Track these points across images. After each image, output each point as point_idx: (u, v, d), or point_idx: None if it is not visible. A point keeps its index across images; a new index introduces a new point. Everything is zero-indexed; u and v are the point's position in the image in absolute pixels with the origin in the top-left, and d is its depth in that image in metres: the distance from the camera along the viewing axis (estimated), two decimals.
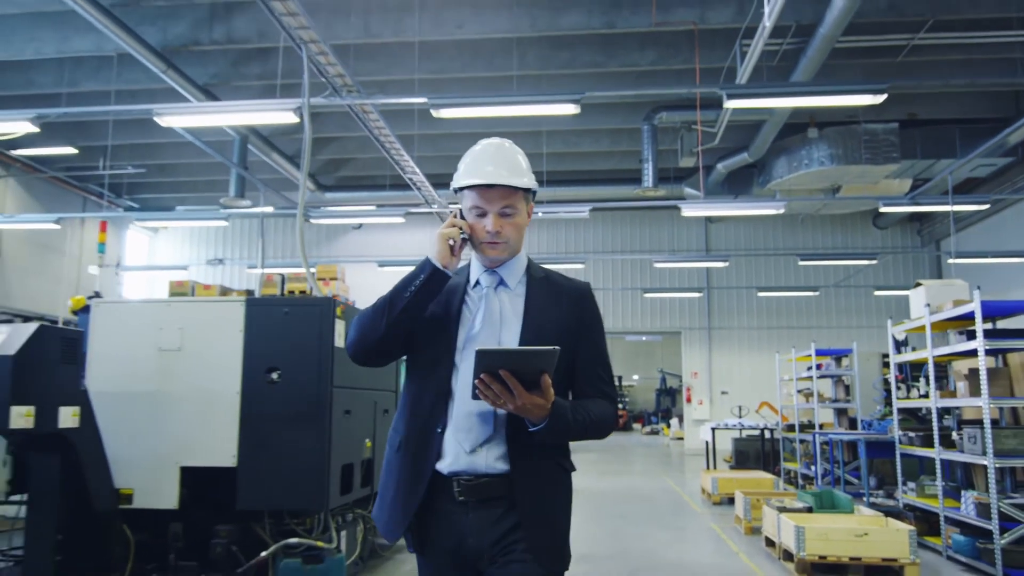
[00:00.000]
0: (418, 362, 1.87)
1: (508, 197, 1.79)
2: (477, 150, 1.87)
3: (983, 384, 5.06)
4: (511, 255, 1.86)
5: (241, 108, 7.72)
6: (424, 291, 1.76)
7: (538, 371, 1.59)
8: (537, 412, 1.63)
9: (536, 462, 1.75)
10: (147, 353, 4.06)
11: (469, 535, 1.72)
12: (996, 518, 4.95)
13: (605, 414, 1.82)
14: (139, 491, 3.95)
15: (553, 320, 1.82)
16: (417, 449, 1.78)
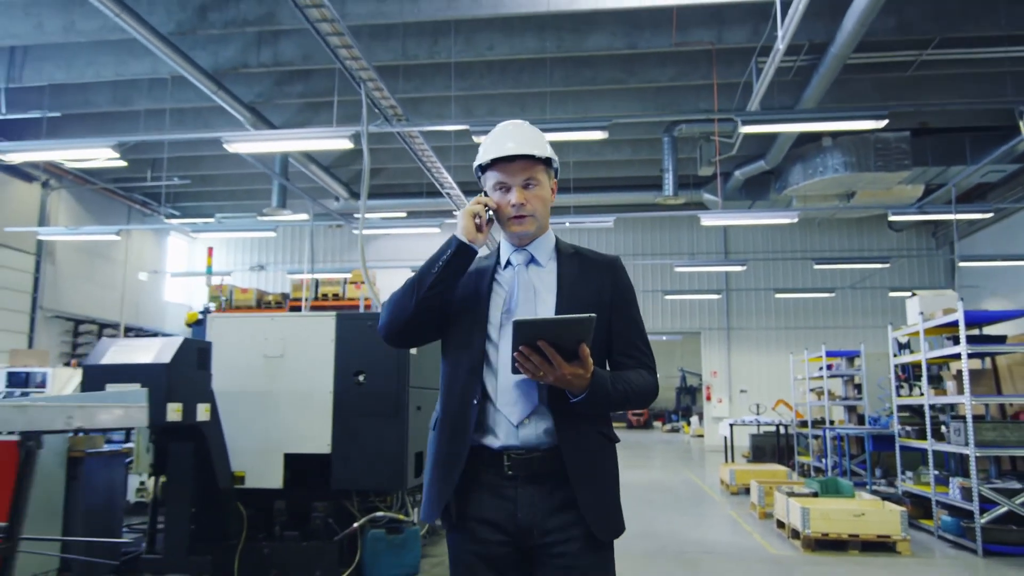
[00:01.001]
0: (451, 342, 1.91)
1: (529, 169, 1.86)
2: (496, 131, 1.95)
3: (966, 384, 5.87)
4: (538, 230, 1.90)
5: (302, 136, 8.63)
6: (451, 267, 1.81)
7: (576, 341, 1.63)
8: (577, 382, 1.68)
9: (582, 433, 1.78)
10: (255, 359, 4.97)
11: (519, 510, 1.75)
12: (977, 501, 5.76)
13: (646, 383, 1.86)
14: (250, 473, 4.87)
15: (587, 292, 1.86)
16: (454, 426, 1.82)
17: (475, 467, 1.79)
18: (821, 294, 17.31)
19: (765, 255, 18.76)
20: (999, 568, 5.46)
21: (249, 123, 11.72)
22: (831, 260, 15.66)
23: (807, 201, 14.54)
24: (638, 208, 16.91)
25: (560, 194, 15.12)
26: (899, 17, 9.90)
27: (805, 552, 5.87)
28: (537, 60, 11.08)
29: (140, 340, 4.44)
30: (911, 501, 7.04)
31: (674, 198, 12.82)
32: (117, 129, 13.30)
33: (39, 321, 14.26)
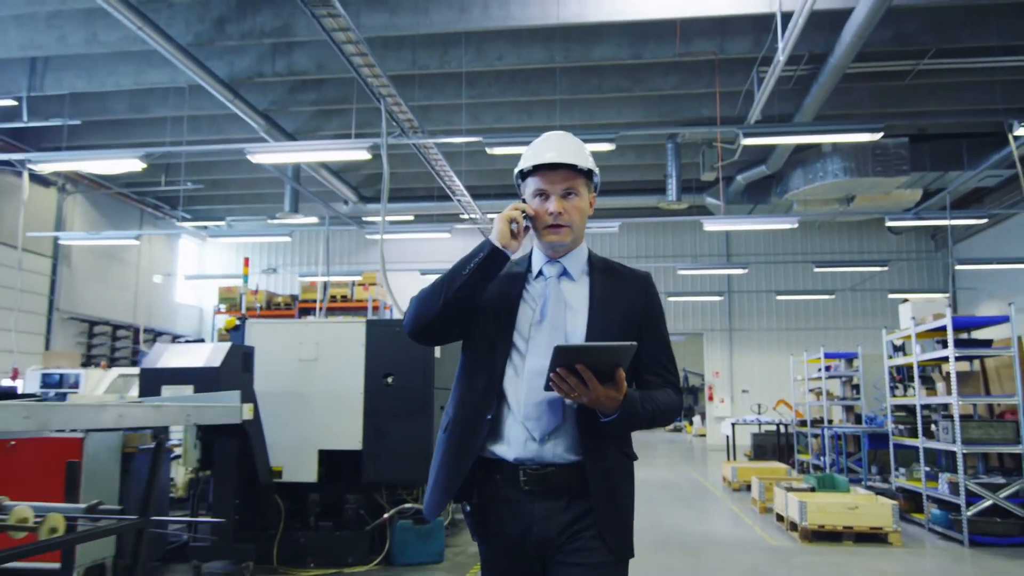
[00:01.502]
0: (473, 346, 1.92)
1: (570, 180, 1.87)
2: (539, 139, 1.96)
3: (953, 385, 6.29)
4: (573, 241, 1.91)
5: (323, 147, 9.06)
6: (481, 270, 1.81)
7: (613, 365, 1.66)
8: (610, 404, 1.70)
9: (604, 451, 1.80)
10: (291, 362, 5.39)
11: (535, 524, 1.77)
12: (963, 495, 6.19)
13: (671, 403, 1.88)
14: (287, 468, 5.29)
15: (618, 309, 1.87)
16: (465, 431, 1.84)
17: (491, 478, 1.80)
18: (821, 296, 17.74)
19: (766, 257, 19.20)
20: (983, 558, 5.89)
21: (263, 130, 12.15)
22: (831, 263, 16.08)
23: (808, 205, 14.95)
24: (642, 211, 17.33)
25: None
26: (897, 29, 10.29)
27: (802, 543, 6.30)
28: (545, 69, 11.49)
29: (190, 345, 4.87)
30: (904, 496, 7.47)
31: (677, 203, 13.24)
32: (134, 135, 13.74)
33: (55, 322, 14.70)
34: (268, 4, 10.03)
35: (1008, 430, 6.26)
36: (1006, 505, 6.15)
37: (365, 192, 16.74)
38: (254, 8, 10.17)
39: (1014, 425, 6.25)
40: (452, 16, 9.84)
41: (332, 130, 13.54)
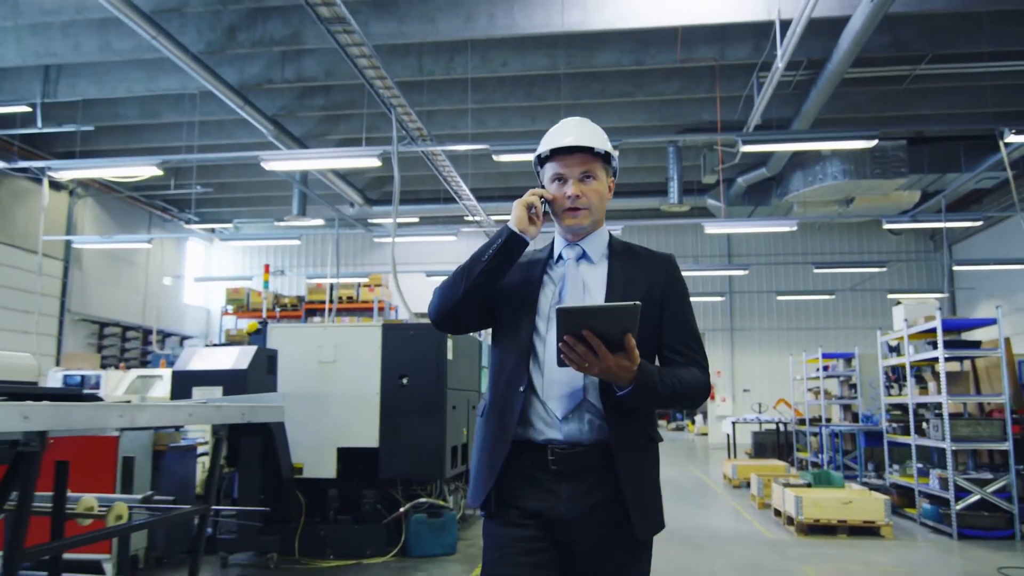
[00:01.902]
0: (501, 332, 1.95)
1: (588, 163, 1.88)
2: (557, 125, 1.98)
3: (943, 384, 6.60)
4: (592, 224, 1.93)
5: (334, 155, 9.40)
6: (501, 256, 1.84)
7: (621, 331, 1.63)
8: (624, 375, 1.68)
9: (628, 430, 1.81)
10: (310, 364, 5.70)
11: (561, 504, 1.78)
12: (952, 490, 6.50)
13: (696, 380, 1.86)
14: (308, 465, 5.61)
15: (637, 290, 1.86)
16: (502, 412, 1.86)
17: (519, 459, 1.82)
18: (821, 296, 18.05)
19: (767, 258, 19.51)
20: (970, 549, 6.19)
21: (272, 135, 12.47)
22: (830, 264, 16.39)
23: (807, 207, 15.24)
24: (644, 213, 17.63)
25: None
26: (893, 35, 10.58)
27: (798, 536, 6.61)
28: (549, 75, 11.80)
29: (219, 349, 5.19)
30: (897, 491, 7.78)
31: (679, 205, 13.54)
32: (145, 140, 14.07)
33: (66, 324, 15.03)
34: (278, 13, 10.34)
35: (995, 428, 6.57)
36: (993, 499, 6.46)
37: (371, 195, 17.05)
38: (264, 17, 10.48)
39: (1001, 423, 6.55)
40: (458, 24, 10.14)
41: (340, 134, 13.86)
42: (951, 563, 5.81)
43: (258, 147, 14.15)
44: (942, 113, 13.15)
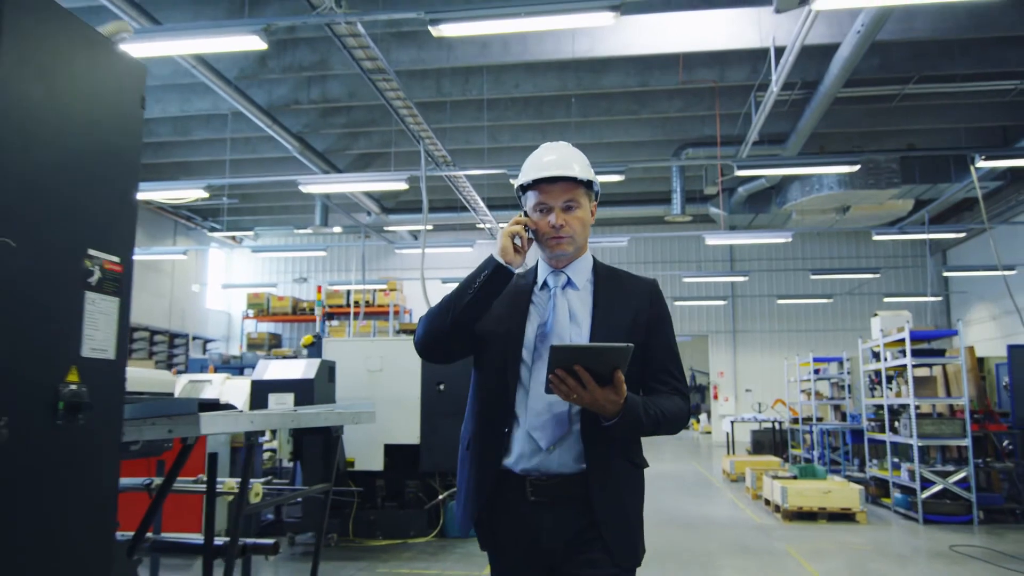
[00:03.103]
0: (485, 360, 1.98)
1: (570, 191, 1.91)
2: (538, 151, 2.00)
3: (910, 387, 7.65)
4: (576, 251, 1.97)
5: (366, 179, 10.52)
6: (487, 288, 1.87)
7: (611, 367, 1.68)
8: (610, 407, 1.72)
9: (610, 459, 1.84)
10: (361, 373, 6.77)
11: (543, 534, 1.82)
12: (919, 481, 7.57)
13: (677, 409, 1.90)
14: (359, 459, 6.68)
15: (622, 317, 1.91)
16: (484, 445, 1.90)
17: (499, 489, 1.86)
18: (820, 300, 19.11)
19: (768, 264, 20.57)
20: (931, 532, 7.25)
21: (296, 151, 13.55)
22: (826, 271, 17.42)
23: (805, 215, 16.26)
24: (649, 220, 18.68)
25: None
26: (882, 59, 11.58)
27: (784, 521, 7.68)
28: (559, 96, 12.84)
29: (288, 361, 6.25)
30: (875, 483, 8.84)
31: (681, 216, 14.57)
32: (176, 155, 15.13)
33: None
34: (306, 42, 11.39)
35: (956, 426, 7.61)
36: (954, 489, 7.51)
37: (387, 204, 18.12)
38: (293, 45, 11.54)
39: (962, 422, 7.60)
40: (475, 51, 11.18)
41: (360, 149, 14.94)
42: (912, 543, 6.86)
43: (283, 161, 15.30)
44: (930, 128, 14.16)
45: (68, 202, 1.96)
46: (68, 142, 1.97)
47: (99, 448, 2.08)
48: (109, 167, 2.14)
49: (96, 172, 2.07)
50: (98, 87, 2.10)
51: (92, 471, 2.05)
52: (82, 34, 2.05)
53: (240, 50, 7.33)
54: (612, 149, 15.22)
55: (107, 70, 2.15)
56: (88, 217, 2.03)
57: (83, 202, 2.02)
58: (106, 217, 2.11)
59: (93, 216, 2.05)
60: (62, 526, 1.94)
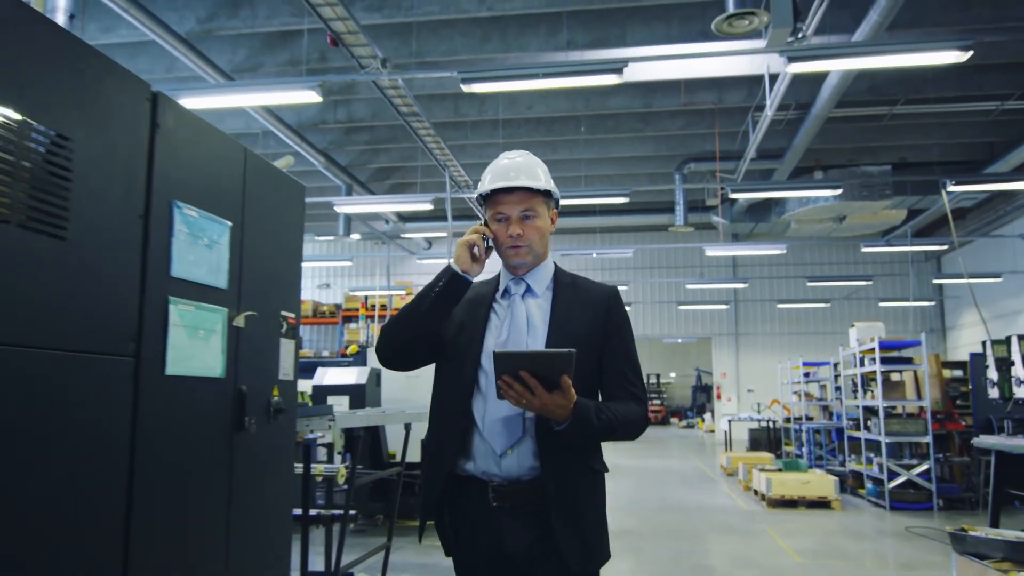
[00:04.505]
0: (445, 368, 2.07)
1: (528, 200, 1.99)
2: (496, 162, 2.08)
3: (879, 391, 8.91)
4: (535, 260, 2.05)
5: (397, 200, 11.93)
6: (444, 296, 1.95)
7: (557, 372, 1.74)
8: (559, 412, 1.79)
9: (566, 464, 1.89)
10: (401, 378, 8.04)
11: (506, 538, 1.89)
12: (886, 473, 8.83)
13: (632, 414, 1.95)
14: (399, 453, 7.96)
15: (579, 324, 1.98)
16: (439, 449, 1.99)
17: (461, 495, 1.92)
18: (818, 304, 20.36)
19: (769, 270, 21.86)
20: (895, 517, 8.52)
21: (322, 166, 14.85)
22: (822, 278, 18.67)
23: (803, 224, 17.48)
24: (654, 228, 19.91)
25: (586, 217, 18.17)
26: (870, 83, 12.78)
27: (768, 508, 8.97)
28: (569, 116, 14.09)
29: (342, 368, 7.55)
30: (852, 476, 10.10)
31: (684, 227, 15.82)
32: None
33: None
34: (335, 71, 12.66)
35: (919, 425, 8.88)
36: (917, 480, 8.78)
37: (405, 213, 19.41)
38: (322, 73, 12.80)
39: (924, 421, 8.86)
40: None
41: (380, 163, 16.26)
42: (875, 525, 8.14)
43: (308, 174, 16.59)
44: (921, 143, 15.35)
45: (274, 281, 3.25)
46: (274, 241, 3.27)
47: (288, 438, 3.39)
48: (290, 254, 3.43)
49: (283, 257, 3.36)
50: (283, 205, 3.39)
51: (285, 453, 3.36)
52: (284, 179, 3.36)
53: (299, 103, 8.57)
54: (618, 164, 16.48)
55: (287, 193, 3.45)
56: (280, 288, 3.33)
57: (279, 280, 3.31)
58: (288, 287, 3.40)
59: (282, 287, 3.35)
60: (276, 488, 3.25)
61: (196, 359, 2.66)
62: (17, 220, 1.91)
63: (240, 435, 2.94)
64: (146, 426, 2.37)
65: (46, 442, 1.97)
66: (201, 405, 2.71)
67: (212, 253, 2.78)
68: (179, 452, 2.56)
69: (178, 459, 2.56)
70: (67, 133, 2.09)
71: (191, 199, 2.66)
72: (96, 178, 2.19)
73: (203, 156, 2.78)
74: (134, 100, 2.42)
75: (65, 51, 2.12)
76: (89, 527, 2.14)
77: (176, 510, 2.54)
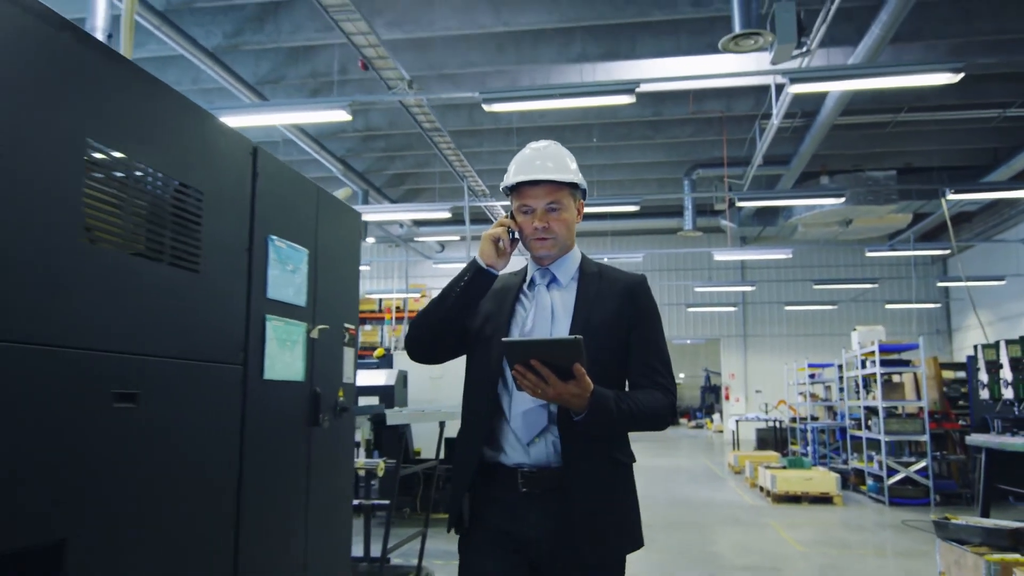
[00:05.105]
0: (473, 359, 2.13)
1: (554, 193, 2.00)
2: (524, 152, 2.09)
3: (879, 392, 9.44)
4: (561, 251, 2.06)
5: (417, 209, 12.54)
6: (469, 290, 2.00)
7: (569, 361, 1.75)
8: (575, 401, 1.81)
9: (587, 454, 1.92)
10: (425, 379, 8.62)
11: (530, 525, 1.92)
12: (885, 470, 9.36)
13: (657, 404, 1.95)
14: (424, 449, 8.54)
15: (604, 313, 2.00)
16: (469, 440, 2.05)
17: (490, 483, 1.97)
18: (825, 307, 20.86)
19: (776, 273, 22.37)
20: (893, 512, 9.06)
21: (340, 172, 15.45)
22: (828, 281, 19.17)
23: (810, 227, 17.98)
24: (663, 231, 20.44)
25: (597, 221, 18.74)
26: (875, 91, 13.25)
27: (772, 504, 9.51)
28: (580, 124, 14.64)
29: (371, 371, 8.13)
30: (855, 473, 10.63)
31: (693, 232, 16.35)
32: None
33: None
34: (356, 84, 13.25)
35: (917, 424, 9.41)
36: (915, 476, 9.31)
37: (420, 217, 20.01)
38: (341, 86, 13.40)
39: (921, 421, 9.38)
40: (504, 87, 12.99)
41: (396, 170, 16.88)
42: (874, 519, 8.68)
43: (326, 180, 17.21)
44: (926, 149, 15.84)
45: (339, 297, 3.82)
46: (338, 262, 3.84)
47: (350, 433, 3.97)
48: (350, 272, 4.01)
49: (345, 276, 3.93)
50: (344, 231, 3.96)
51: (347, 446, 3.94)
52: (344, 209, 3.93)
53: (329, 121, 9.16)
54: (628, 169, 17.03)
55: (348, 220, 4.02)
56: (343, 303, 3.90)
57: (342, 296, 3.88)
58: (349, 302, 3.97)
59: (344, 302, 3.92)
60: (340, 478, 3.82)
61: (284, 366, 3.24)
62: (167, 259, 2.48)
63: (315, 430, 3.51)
64: (250, 421, 2.95)
65: (183, 430, 2.55)
66: (287, 404, 3.29)
67: (295, 276, 3.36)
68: (272, 443, 3.14)
69: (272, 449, 3.13)
70: (200, 187, 2.66)
71: (280, 232, 3.23)
72: (217, 221, 2.77)
73: (287, 195, 3.35)
74: (241, 154, 3.00)
75: (194, 119, 2.70)
76: (211, 500, 2.72)
77: (270, 491, 3.11)
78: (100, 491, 2.11)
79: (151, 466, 2.35)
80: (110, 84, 2.23)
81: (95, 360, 2.11)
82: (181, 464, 2.52)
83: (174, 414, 2.48)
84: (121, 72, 2.31)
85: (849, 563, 6.40)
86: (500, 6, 10.51)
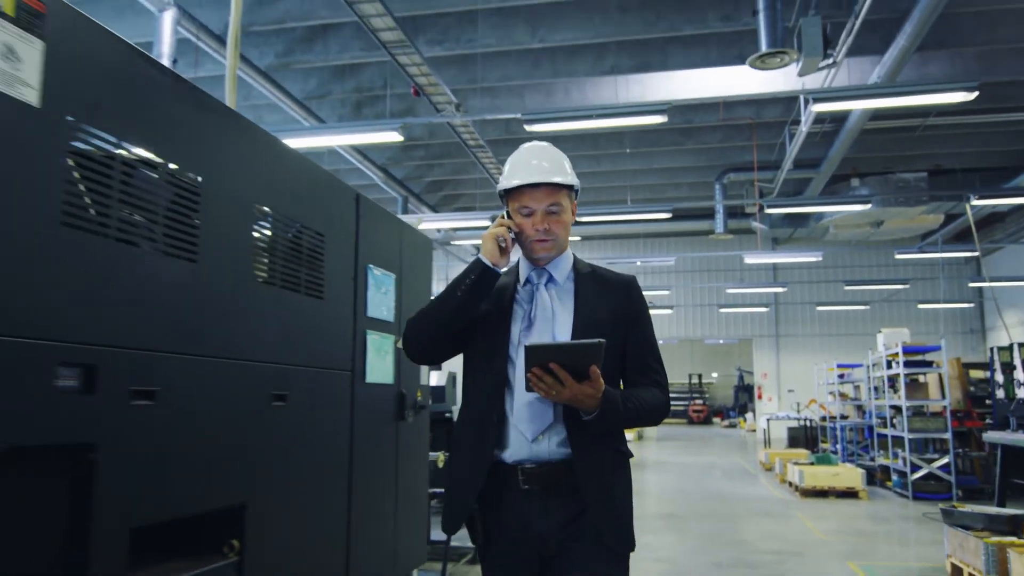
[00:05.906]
0: (474, 358, 2.16)
1: (554, 195, 2.06)
2: (521, 154, 2.15)
3: (903, 392, 10.02)
4: (559, 252, 2.13)
5: (459, 219, 13.30)
6: (475, 290, 2.03)
7: (586, 363, 1.82)
8: (588, 402, 1.87)
9: (594, 449, 1.99)
10: None
11: (534, 521, 1.97)
12: (909, 466, 9.94)
13: (657, 401, 2.07)
14: None
15: (603, 311, 2.08)
16: (475, 441, 2.06)
17: (491, 482, 2.00)
18: (857, 307, 21.29)
19: (808, 272, 22.81)
20: (916, 505, 9.64)
21: (381, 180, 16.29)
22: (859, 282, 19.62)
23: (841, 228, 18.44)
24: (696, 233, 21.01)
25: (628, 224, 19.34)
26: None
27: (800, 498, 10.15)
28: (612, 131, 15.30)
29: None
30: (881, 469, 11.21)
31: (724, 235, 16.94)
32: None
33: None
34: (396, 98, 14.07)
35: (940, 423, 9.97)
36: (937, 472, 9.89)
37: None
38: (381, 99, 14.23)
39: (944, 419, 9.95)
40: (541, 99, 13.71)
41: (434, 176, 17.70)
42: (897, 512, 9.29)
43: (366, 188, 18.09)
44: (956, 152, 16.24)
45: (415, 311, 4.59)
46: (416, 282, 4.61)
47: (425, 428, 4.75)
48: (424, 289, 4.77)
49: (420, 292, 4.70)
50: (418, 256, 4.73)
51: (423, 440, 4.72)
52: (419, 236, 4.71)
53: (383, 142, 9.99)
54: (660, 174, 17.66)
55: (422, 245, 4.79)
56: None
57: None
58: None
59: None
60: (420, 468, 4.60)
61: (379, 371, 4.01)
62: (302, 290, 3.26)
63: (401, 424, 4.29)
64: (357, 415, 3.72)
65: (316, 423, 3.33)
66: (381, 402, 4.06)
67: (386, 297, 4.13)
68: (372, 434, 3.92)
69: (372, 439, 3.91)
70: (321, 231, 3.43)
71: (375, 261, 4.01)
72: (334, 256, 3.54)
73: (379, 230, 4.12)
74: (348, 201, 3.77)
75: (311, 176, 3.48)
76: (334, 477, 3.50)
77: (371, 474, 3.88)
78: (267, 468, 2.90)
79: (298, 450, 3.14)
80: (276, 163, 3.04)
81: (261, 369, 2.90)
82: (315, 449, 3.30)
83: (309, 410, 3.26)
84: (281, 152, 3.11)
85: (868, 549, 7.04)
86: (536, 24, 11.23)
